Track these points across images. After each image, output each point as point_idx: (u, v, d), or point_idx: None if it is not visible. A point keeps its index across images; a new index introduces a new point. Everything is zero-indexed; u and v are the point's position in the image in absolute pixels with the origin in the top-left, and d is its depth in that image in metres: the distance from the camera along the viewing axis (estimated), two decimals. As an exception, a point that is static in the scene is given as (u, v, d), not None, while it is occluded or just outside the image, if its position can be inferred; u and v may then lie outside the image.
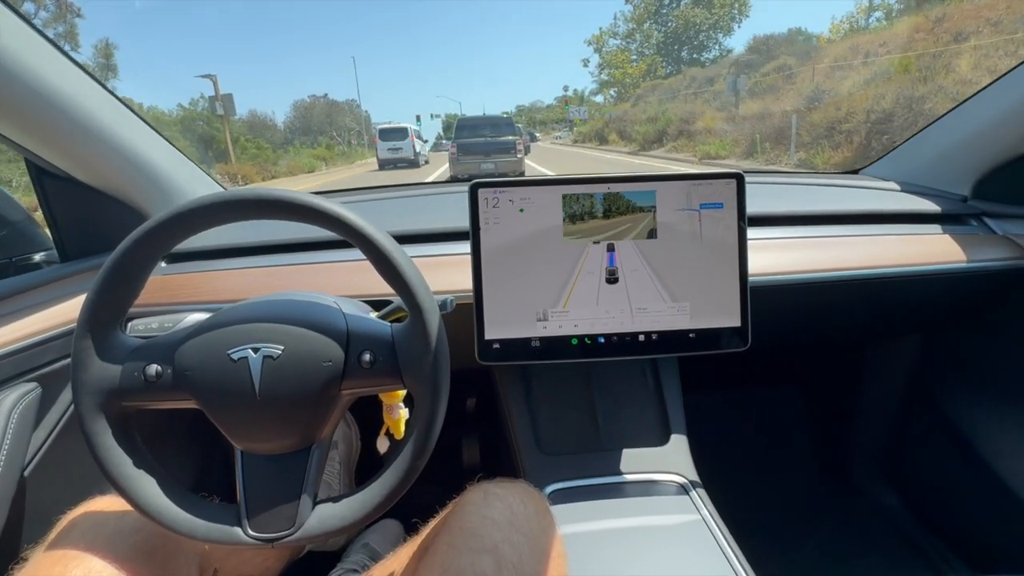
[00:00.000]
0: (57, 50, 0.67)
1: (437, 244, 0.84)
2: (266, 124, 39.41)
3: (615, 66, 44.53)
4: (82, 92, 0.71)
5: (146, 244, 0.47)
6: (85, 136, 0.73)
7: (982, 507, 0.98)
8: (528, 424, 0.82)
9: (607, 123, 26.79)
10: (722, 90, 18.88)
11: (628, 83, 40.97)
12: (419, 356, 0.49)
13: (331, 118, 46.24)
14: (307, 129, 44.13)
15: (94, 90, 0.73)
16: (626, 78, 42.10)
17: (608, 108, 34.94)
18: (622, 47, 45.91)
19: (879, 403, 1.21)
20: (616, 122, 25.43)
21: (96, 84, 0.73)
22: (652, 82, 32.73)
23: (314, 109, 46.99)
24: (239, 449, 0.50)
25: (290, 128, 44.42)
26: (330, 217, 0.48)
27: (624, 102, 34.93)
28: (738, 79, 16.53)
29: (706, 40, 42.16)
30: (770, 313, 0.78)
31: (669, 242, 0.70)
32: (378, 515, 0.50)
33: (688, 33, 41.76)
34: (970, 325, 1.04)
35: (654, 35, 43.86)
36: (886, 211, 0.94)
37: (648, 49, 44.11)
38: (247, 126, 38.45)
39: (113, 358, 0.48)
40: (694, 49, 42.44)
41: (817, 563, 1.05)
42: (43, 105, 0.66)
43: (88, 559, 0.48)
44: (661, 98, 25.94)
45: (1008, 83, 0.88)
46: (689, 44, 42.30)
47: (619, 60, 44.42)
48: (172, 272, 0.83)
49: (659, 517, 0.68)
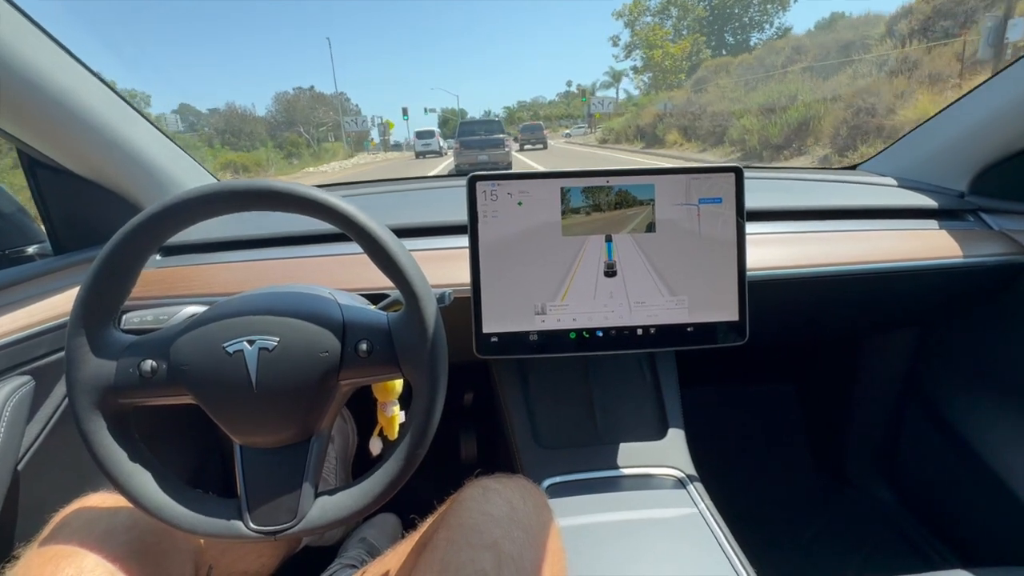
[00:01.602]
0: (51, 40, 0.66)
1: (435, 238, 0.83)
2: (245, 118, 36.14)
3: (652, 45, 34.80)
4: (76, 82, 0.70)
5: (139, 237, 0.46)
6: (79, 126, 0.72)
7: (973, 500, 0.99)
8: (525, 418, 0.82)
9: (661, 116, 18.53)
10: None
11: (668, 67, 33.12)
12: (416, 343, 0.49)
13: (316, 112, 41.46)
14: (291, 123, 40.36)
15: (88, 80, 0.72)
16: (666, 60, 33.38)
17: (649, 98, 26.46)
18: (657, 23, 36.70)
19: (873, 398, 1.21)
20: (679, 115, 17.00)
21: (89, 74, 0.73)
22: (719, 60, 23.87)
23: (298, 102, 43.39)
24: (238, 443, 0.50)
25: (274, 123, 40.62)
26: (325, 208, 0.47)
27: (665, 90, 27.51)
28: (1009, 22, 7.97)
29: (758, 17, 35.32)
30: (767, 308, 0.79)
31: (668, 236, 0.70)
32: (380, 505, 0.49)
33: (737, 7, 34.77)
34: (965, 320, 1.04)
35: (695, 8, 35.58)
36: (883, 206, 0.95)
37: (688, 27, 35.83)
38: (223, 119, 35.76)
39: (107, 355, 0.47)
40: (742, 29, 35.41)
41: (811, 555, 1.06)
42: (36, 94, 0.66)
43: (80, 557, 0.48)
44: (740, 80, 17.47)
45: (1005, 79, 0.88)
46: (737, 21, 35.50)
47: (656, 38, 35.13)
48: (166, 265, 0.82)
49: (656, 510, 0.69)
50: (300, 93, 45.42)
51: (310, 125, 38.68)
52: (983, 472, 0.95)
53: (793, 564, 0.72)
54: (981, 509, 0.98)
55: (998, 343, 0.99)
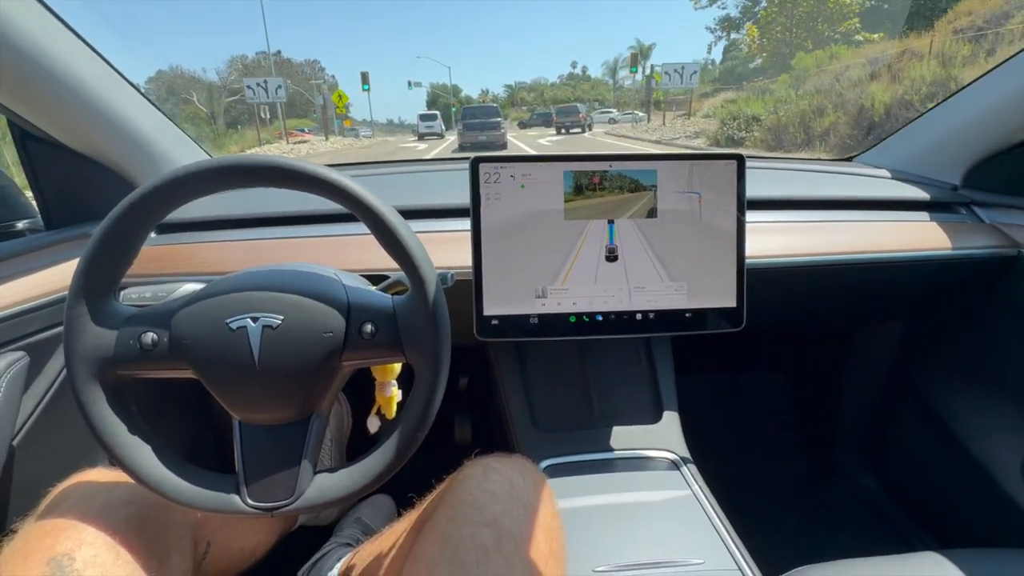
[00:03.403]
0: (45, 8, 0.64)
1: (438, 220, 0.83)
2: (194, 83, 30.68)
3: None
4: (70, 53, 0.68)
5: (142, 209, 0.46)
6: (72, 98, 0.70)
7: (954, 486, 1.02)
8: (523, 401, 0.83)
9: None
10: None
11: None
12: (421, 328, 0.48)
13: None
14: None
15: (82, 51, 0.71)
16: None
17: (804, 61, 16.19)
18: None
19: (861, 388, 1.24)
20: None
21: (84, 45, 0.71)
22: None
23: (258, 70, 37.22)
24: (237, 419, 0.50)
25: (230, 91, 32.69)
26: (333, 187, 0.47)
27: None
28: None
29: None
30: (763, 295, 0.80)
31: (669, 222, 0.71)
32: (377, 486, 0.50)
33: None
34: (953, 311, 1.06)
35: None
36: (878, 198, 0.96)
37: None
38: (165, 88, 30.96)
39: (107, 326, 0.47)
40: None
41: (797, 539, 1.09)
42: (28, 64, 0.64)
43: (79, 530, 0.48)
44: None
45: (1000, 75, 0.89)
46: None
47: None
48: (162, 243, 0.81)
49: (651, 492, 0.70)
50: (262, 59, 38.75)
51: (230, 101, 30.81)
52: (964, 460, 0.98)
53: (779, 546, 0.73)
54: (961, 495, 1.01)
55: (984, 335, 1.02)
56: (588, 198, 0.69)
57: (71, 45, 0.69)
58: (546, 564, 0.48)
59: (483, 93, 58.39)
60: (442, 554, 0.47)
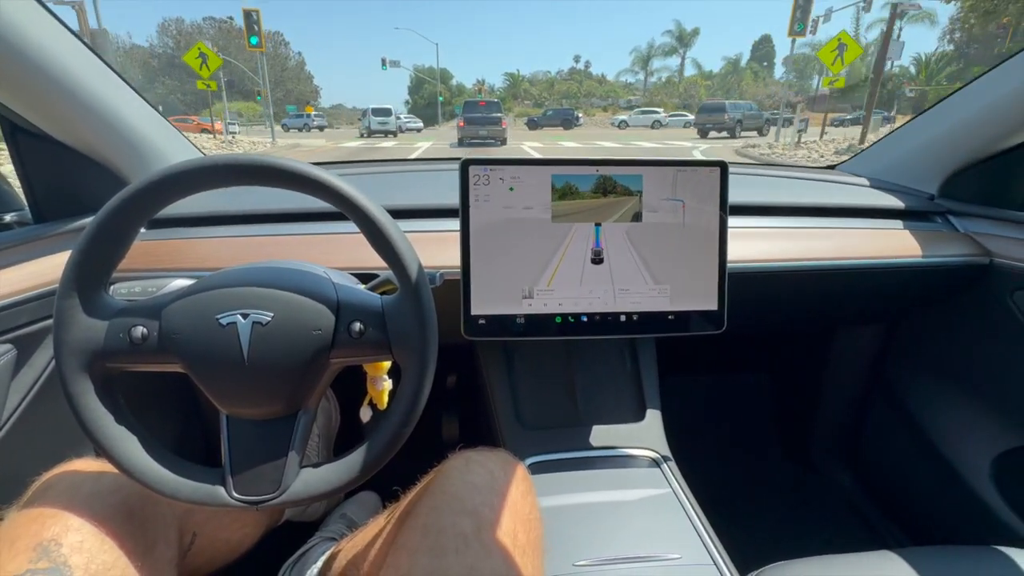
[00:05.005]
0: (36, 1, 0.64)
1: (427, 220, 0.84)
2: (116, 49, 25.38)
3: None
4: (59, 45, 0.68)
5: (135, 204, 0.46)
6: (62, 91, 0.70)
7: (926, 485, 1.05)
8: (509, 399, 0.84)
9: None
10: None
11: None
12: (409, 328, 0.49)
13: (228, 53, 27.40)
14: (175, 67, 27.06)
15: (72, 44, 0.70)
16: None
17: None
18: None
19: (840, 389, 1.27)
20: None
21: (74, 38, 0.71)
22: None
23: (200, 37, 31.50)
24: (224, 413, 0.51)
25: (162, 59, 27.68)
26: (324, 187, 0.47)
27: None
28: None
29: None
30: (744, 299, 0.82)
31: (653, 226, 0.72)
32: (362, 481, 0.51)
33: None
34: (929, 316, 1.10)
35: None
36: (857, 205, 0.99)
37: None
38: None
39: (98, 318, 0.47)
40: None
41: (775, 536, 1.12)
42: (18, 56, 0.64)
43: (65, 517, 0.48)
44: None
45: (976, 89, 0.92)
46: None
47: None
48: (153, 238, 0.81)
49: (632, 490, 0.72)
50: (208, 24, 32.65)
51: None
52: (935, 459, 1.01)
53: (756, 542, 0.76)
54: (932, 493, 1.04)
55: (956, 338, 1.05)
56: (575, 201, 0.71)
57: (61, 37, 0.68)
58: (523, 553, 0.50)
59: (479, 83, 50.59)
60: (424, 542, 0.48)
